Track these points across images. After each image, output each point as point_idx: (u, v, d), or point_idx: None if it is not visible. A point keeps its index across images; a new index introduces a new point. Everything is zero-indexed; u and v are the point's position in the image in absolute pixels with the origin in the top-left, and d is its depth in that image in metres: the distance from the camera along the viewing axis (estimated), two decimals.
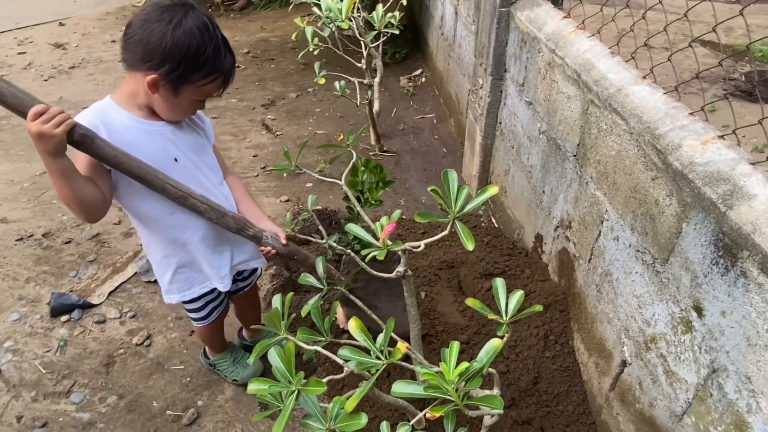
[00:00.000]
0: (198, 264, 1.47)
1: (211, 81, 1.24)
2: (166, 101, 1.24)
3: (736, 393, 1.02)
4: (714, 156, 1.08)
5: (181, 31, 1.16)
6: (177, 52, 1.17)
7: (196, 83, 1.23)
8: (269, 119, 3.62)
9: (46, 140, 1.08)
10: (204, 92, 1.27)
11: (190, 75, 1.21)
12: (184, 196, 1.31)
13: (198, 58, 1.19)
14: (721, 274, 1.03)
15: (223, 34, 1.25)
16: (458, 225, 1.10)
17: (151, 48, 1.17)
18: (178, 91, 1.22)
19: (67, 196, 1.17)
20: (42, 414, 1.75)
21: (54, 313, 2.10)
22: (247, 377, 1.82)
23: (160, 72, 1.18)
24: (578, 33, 1.71)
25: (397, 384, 0.98)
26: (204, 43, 1.19)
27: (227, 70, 1.27)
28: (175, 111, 1.29)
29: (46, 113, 1.08)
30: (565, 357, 1.73)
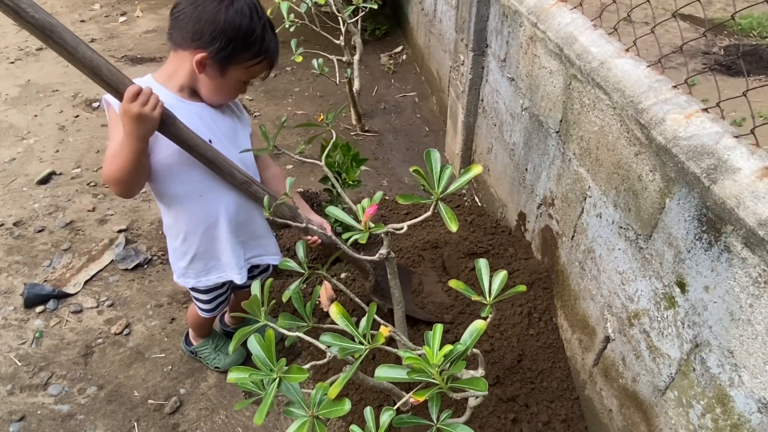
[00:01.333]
0: (218, 253, 1.45)
1: (258, 62, 1.25)
2: (212, 81, 1.24)
3: (718, 367, 1.02)
4: (698, 130, 1.06)
5: (234, 10, 1.16)
6: (229, 31, 1.17)
7: (243, 64, 1.23)
8: (246, 100, 3.53)
9: (145, 122, 1.10)
10: (250, 73, 1.27)
11: (239, 54, 1.21)
12: (248, 182, 1.34)
13: (248, 37, 1.19)
14: (704, 250, 1.02)
15: (269, 17, 1.25)
16: (441, 206, 1.07)
17: (202, 26, 1.16)
18: (225, 70, 1.22)
19: (129, 174, 1.18)
20: (19, 407, 1.71)
21: (28, 304, 2.04)
22: (230, 364, 1.79)
23: (210, 50, 1.18)
24: (560, 6, 1.67)
25: (381, 369, 0.96)
26: (254, 23, 1.19)
27: (273, 52, 1.27)
28: (219, 92, 1.28)
29: (142, 94, 1.09)
30: (548, 334, 1.74)
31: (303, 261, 1.34)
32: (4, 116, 3.33)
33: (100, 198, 2.61)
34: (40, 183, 2.72)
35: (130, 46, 4.29)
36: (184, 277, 1.49)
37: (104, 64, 1.10)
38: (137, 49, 4.25)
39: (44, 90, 3.60)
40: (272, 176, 1.53)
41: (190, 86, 1.27)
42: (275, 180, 1.52)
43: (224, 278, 1.50)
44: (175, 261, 1.47)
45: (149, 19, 4.82)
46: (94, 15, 4.92)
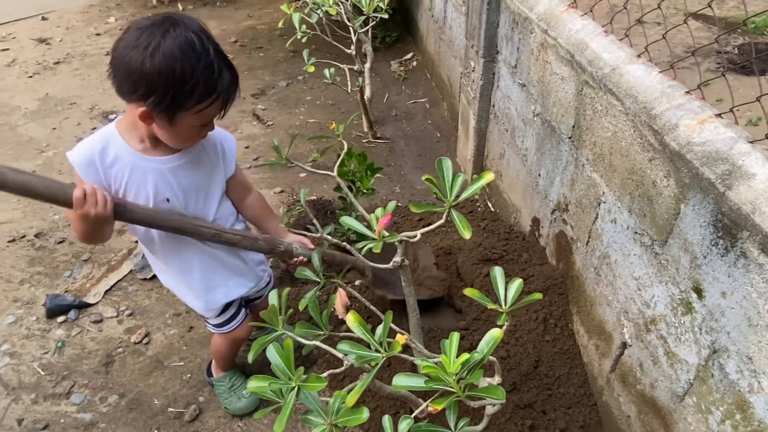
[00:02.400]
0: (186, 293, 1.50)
1: (208, 104, 1.13)
2: (164, 131, 1.16)
3: (737, 373, 1.01)
4: (712, 135, 1.06)
5: (160, 56, 1.04)
6: (161, 80, 1.05)
7: (191, 109, 1.12)
8: (260, 109, 3.57)
9: (102, 220, 1.14)
10: (204, 117, 1.16)
11: (183, 101, 1.10)
12: (218, 234, 1.34)
13: (186, 82, 1.07)
14: (720, 255, 1.02)
15: (217, 48, 1.13)
16: (454, 214, 1.08)
17: (134, 78, 1.07)
18: (173, 120, 1.13)
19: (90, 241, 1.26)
20: (43, 416, 1.75)
21: (50, 314, 2.08)
22: (239, 410, 1.72)
23: (149, 103, 1.08)
24: (570, 12, 1.67)
25: (398, 377, 0.97)
26: (190, 64, 1.06)
27: (225, 89, 1.14)
28: (176, 139, 1.21)
29: (90, 195, 1.11)
30: (565, 340, 1.73)
31: (319, 270, 1.36)
32: (24, 129, 3.41)
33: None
34: None
35: None
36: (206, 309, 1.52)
37: (39, 181, 1.10)
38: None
39: (62, 103, 3.68)
40: (251, 205, 1.50)
41: (152, 138, 1.21)
42: (256, 206, 1.51)
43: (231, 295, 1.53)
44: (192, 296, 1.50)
45: None
46: (110, 28, 5.02)
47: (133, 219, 1.23)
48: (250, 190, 1.51)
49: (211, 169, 1.34)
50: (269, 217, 1.54)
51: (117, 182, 1.22)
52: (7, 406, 1.78)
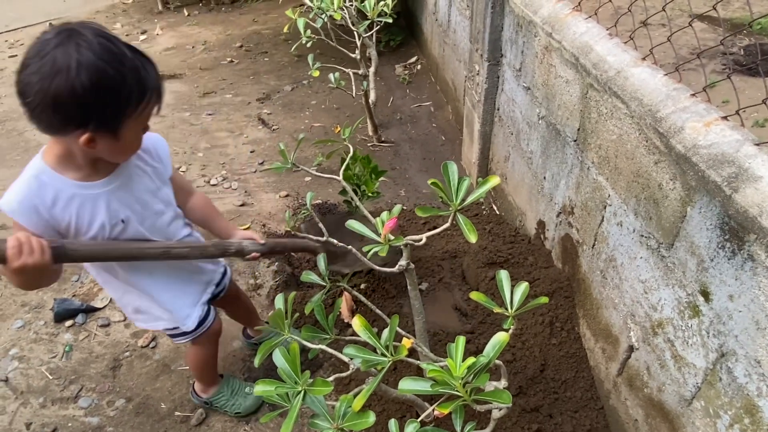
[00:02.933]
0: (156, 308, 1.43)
1: (146, 104, 1.07)
2: (110, 149, 1.08)
3: (746, 377, 1.01)
4: (717, 138, 1.06)
5: (86, 74, 0.96)
6: (98, 97, 0.98)
7: (132, 116, 1.05)
8: (265, 113, 3.59)
9: (42, 268, 1.04)
10: (145, 118, 1.10)
11: (123, 110, 1.03)
12: (165, 252, 1.29)
13: (120, 90, 1.01)
14: (727, 258, 1.02)
15: (127, 44, 1.05)
16: (460, 218, 1.08)
17: (66, 108, 0.97)
18: (118, 133, 1.05)
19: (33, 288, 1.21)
20: (51, 420, 1.76)
21: (58, 318, 2.09)
22: (251, 407, 1.73)
23: (90, 128, 1.01)
24: (575, 15, 1.68)
25: (404, 381, 0.97)
26: (116, 69, 0.99)
27: (155, 83, 1.08)
28: (123, 152, 1.15)
29: (24, 245, 1.02)
30: (571, 343, 1.73)
31: (324, 273, 1.36)
32: (32, 135, 3.44)
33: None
34: None
35: None
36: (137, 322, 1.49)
37: None
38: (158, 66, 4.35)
39: None
40: (195, 206, 1.48)
41: (92, 160, 1.14)
42: (199, 207, 1.49)
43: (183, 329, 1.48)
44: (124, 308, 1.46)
45: (169, 37, 4.94)
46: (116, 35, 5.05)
47: (74, 258, 1.15)
48: (192, 191, 1.49)
49: (153, 172, 1.28)
50: (215, 216, 1.52)
51: (66, 219, 1.14)
52: (16, 410, 1.79)
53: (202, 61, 4.41)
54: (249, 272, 2.30)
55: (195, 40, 4.85)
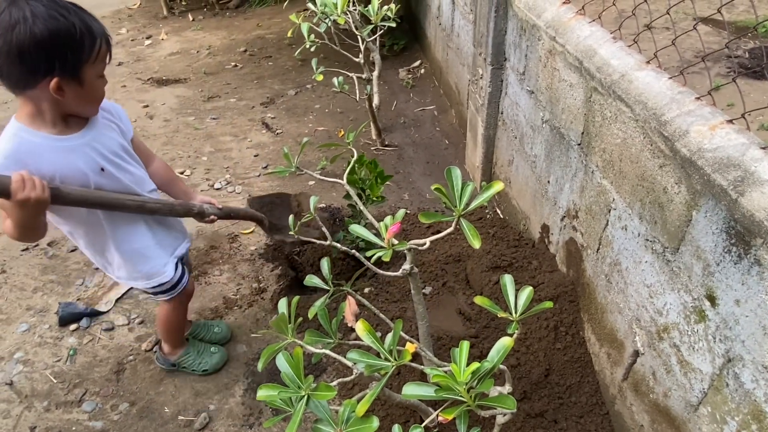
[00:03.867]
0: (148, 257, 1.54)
1: (98, 48, 1.19)
2: (77, 96, 1.20)
3: (753, 382, 1.00)
4: (723, 141, 1.05)
5: (42, 23, 1.08)
6: (56, 43, 1.10)
7: (89, 60, 1.18)
8: (269, 118, 3.60)
9: (42, 205, 1.15)
10: (100, 63, 1.22)
11: (80, 55, 1.15)
12: (142, 205, 1.42)
13: (74, 36, 1.13)
14: (734, 263, 1.01)
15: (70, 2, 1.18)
16: (464, 223, 1.08)
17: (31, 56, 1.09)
18: (81, 77, 1.18)
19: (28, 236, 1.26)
20: (55, 424, 1.76)
21: (62, 322, 2.10)
22: (217, 364, 1.88)
23: (56, 72, 1.13)
24: (579, 19, 1.67)
25: (408, 386, 0.97)
26: (67, 19, 1.12)
27: (102, 30, 1.21)
28: (89, 100, 1.26)
29: (26, 181, 1.12)
30: (576, 348, 1.72)
31: (328, 277, 1.36)
32: None
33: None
34: None
35: (155, 69, 4.42)
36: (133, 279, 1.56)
37: None
38: (162, 71, 4.38)
39: None
40: (156, 171, 1.59)
41: (62, 116, 1.25)
42: (161, 171, 1.61)
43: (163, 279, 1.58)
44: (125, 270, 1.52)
45: (173, 42, 4.97)
46: (121, 39, 5.09)
47: (68, 200, 1.24)
48: (153, 156, 1.61)
49: (119, 130, 1.40)
50: (176, 181, 1.66)
51: (50, 171, 1.22)
52: (20, 413, 1.79)
53: (206, 66, 4.44)
54: (252, 276, 2.30)
55: (199, 44, 4.87)
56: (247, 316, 2.12)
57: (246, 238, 2.52)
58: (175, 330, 1.82)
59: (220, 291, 2.22)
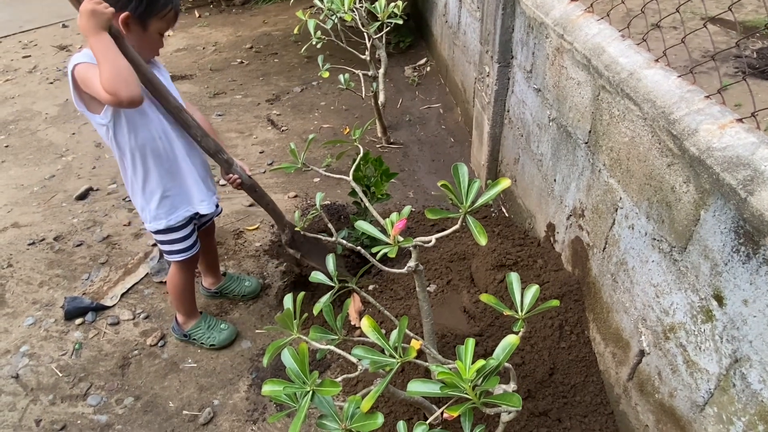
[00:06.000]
0: (183, 187, 1.66)
1: (168, 11, 1.47)
2: (139, 38, 1.46)
3: (760, 383, 0.99)
4: (732, 140, 1.04)
5: None
6: None
7: (158, 14, 1.45)
8: (274, 114, 3.60)
9: (99, 15, 1.29)
10: (166, 23, 1.49)
11: (153, 7, 1.44)
12: (179, 108, 1.53)
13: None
14: (742, 262, 1.00)
15: None
16: (470, 220, 1.08)
17: None
18: (146, 24, 1.45)
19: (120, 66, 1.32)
20: (60, 417, 1.77)
21: (68, 316, 2.11)
22: (224, 341, 1.96)
23: (130, 8, 1.40)
24: (587, 17, 1.66)
25: (413, 383, 0.97)
26: None
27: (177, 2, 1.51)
28: (149, 45, 1.51)
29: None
30: (581, 347, 1.71)
31: (333, 274, 1.36)
32: (44, 134, 3.47)
33: (136, 213, 2.69)
34: (78, 199, 2.82)
35: None
36: (156, 220, 1.66)
37: None
38: (168, 67, 4.39)
39: None
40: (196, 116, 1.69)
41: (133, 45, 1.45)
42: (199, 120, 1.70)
43: (192, 210, 1.70)
44: (145, 207, 1.65)
45: (180, 38, 4.97)
46: None
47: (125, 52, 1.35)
48: (192, 107, 1.75)
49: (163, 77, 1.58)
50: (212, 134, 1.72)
51: None
52: (26, 406, 1.80)
53: (212, 62, 4.44)
54: (257, 272, 2.30)
55: (206, 41, 4.88)
56: (252, 312, 2.12)
57: (251, 234, 2.53)
58: (184, 296, 1.91)
59: None
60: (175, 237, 1.72)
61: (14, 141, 3.43)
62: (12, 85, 4.22)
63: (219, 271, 2.16)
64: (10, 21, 5.49)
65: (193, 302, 1.95)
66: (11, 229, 2.61)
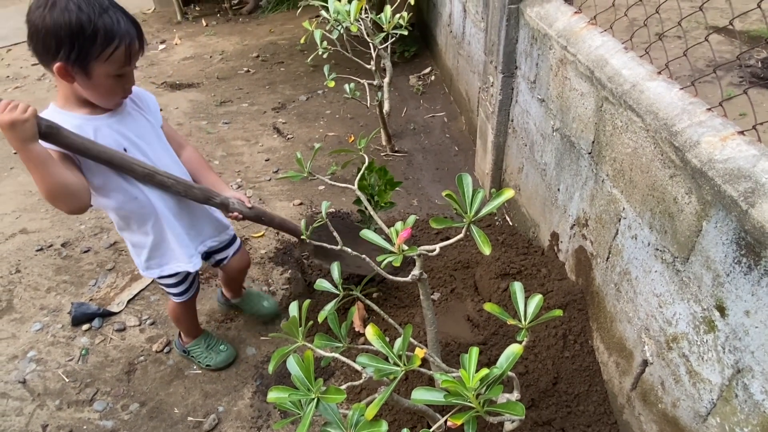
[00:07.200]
0: (168, 244, 1.54)
1: (113, 50, 1.21)
2: (86, 87, 1.25)
3: (762, 394, 1.00)
4: (734, 153, 1.06)
5: (57, 11, 1.15)
6: (63, 32, 1.15)
7: (99, 57, 1.20)
8: (280, 123, 3.63)
9: (19, 127, 1.11)
10: (115, 64, 1.23)
11: (89, 50, 1.18)
12: (150, 174, 1.38)
13: (85, 30, 1.16)
14: (744, 273, 1.01)
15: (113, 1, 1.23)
16: (474, 229, 1.09)
17: (41, 37, 1.16)
18: (88, 70, 1.21)
19: (51, 184, 1.19)
20: (66, 422, 1.78)
21: (75, 322, 2.13)
22: (220, 363, 1.92)
23: (61, 57, 1.17)
24: (590, 28, 1.68)
25: (417, 391, 0.98)
26: (85, 14, 1.16)
27: (125, 33, 1.22)
28: (100, 94, 1.29)
29: (11, 104, 1.12)
30: (584, 357, 1.71)
31: (338, 282, 1.37)
32: None
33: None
34: None
35: (169, 73, 4.48)
36: (148, 270, 1.59)
37: None
38: (176, 75, 4.44)
39: None
40: (187, 159, 1.59)
41: (87, 101, 1.30)
42: (191, 160, 1.60)
43: (180, 268, 1.59)
44: (136, 257, 1.57)
45: (187, 47, 5.03)
46: None
47: (67, 144, 1.22)
48: (183, 144, 1.61)
49: (146, 119, 1.44)
50: (206, 171, 1.63)
51: None
52: (33, 411, 1.82)
53: (219, 71, 4.49)
54: (262, 279, 2.32)
55: (212, 49, 4.93)
56: (257, 318, 2.13)
57: (256, 241, 2.55)
58: (183, 322, 1.89)
59: None
60: (169, 282, 1.67)
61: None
62: (21, 93, 4.28)
63: (241, 290, 2.09)
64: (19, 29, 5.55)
65: (192, 324, 1.91)
66: (19, 235, 2.64)
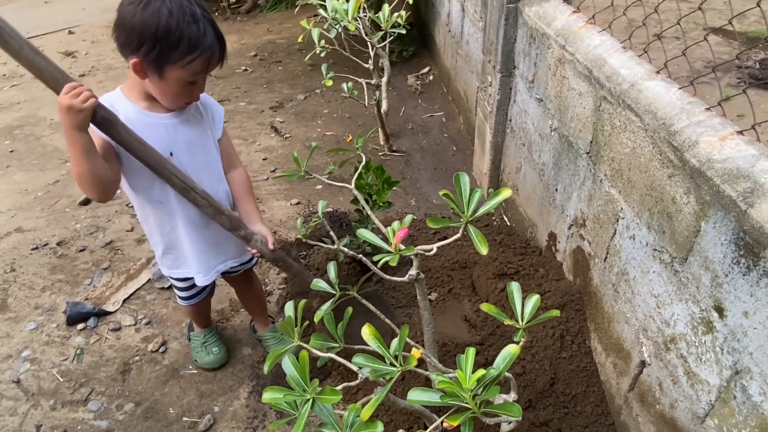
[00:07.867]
0: (183, 251, 1.55)
1: (193, 59, 1.22)
2: (155, 85, 1.27)
3: (760, 395, 0.99)
4: (733, 152, 1.05)
5: (149, 11, 1.17)
6: (148, 32, 1.17)
7: (177, 63, 1.21)
8: (278, 122, 3.62)
9: (74, 113, 1.13)
10: (190, 71, 1.25)
11: (169, 54, 1.19)
12: (186, 189, 1.37)
13: (170, 35, 1.18)
14: (742, 274, 1.00)
15: (204, 11, 1.24)
16: (471, 229, 1.08)
17: (127, 33, 1.19)
18: (162, 72, 1.23)
19: (83, 171, 1.21)
20: (61, 422, 1.77)
21: (70, 321, 2.11)
22: (207, 364, 1.91)
23: (140, 54, 1.19)
24: (589, 28, 1.68)
25: (413, 392, 0.97)
26: (175, 20, 1.17)
27: (209, 46, 1.24)
28: (168, 95, 1.30)
29: (77, 89, 1.14)
30: (582, 357, 1.71)
31: (334, 282, 1.36)
32: (49, 140, 3.50)
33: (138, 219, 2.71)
34: (81, 204, 2.84)
35: None
36: (160, 263, 1.62)
37: (46, 66, 1.15)
38: None
39: None
40: (233, 179, 1.57)
41: (149, 94, 1.32)
42: (236, 182, 1.57)
43: (191, 274, 1.61)
44: (154, 248, 1.58)
45: None
46: None
47: (117, 138, 1.24)
48: (236, 165, 1.58)
49: (204, 129, 1.44)
50: (247, 197, 1.59)
51: None
52: (27, 411, 1.80)
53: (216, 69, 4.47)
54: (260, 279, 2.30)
55: None
56: None
57: None
58: (189, 315, 1.95)
59: (226, 293, 2.23)
60: (178, 285, 1.72)
61: (19, 146, 3.46)
62: (18, 91, 4.26)
63: (265, 317, 2.00)
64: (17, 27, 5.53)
65: (199, 319, 1.92)
66: (15, 234, 2.62)
